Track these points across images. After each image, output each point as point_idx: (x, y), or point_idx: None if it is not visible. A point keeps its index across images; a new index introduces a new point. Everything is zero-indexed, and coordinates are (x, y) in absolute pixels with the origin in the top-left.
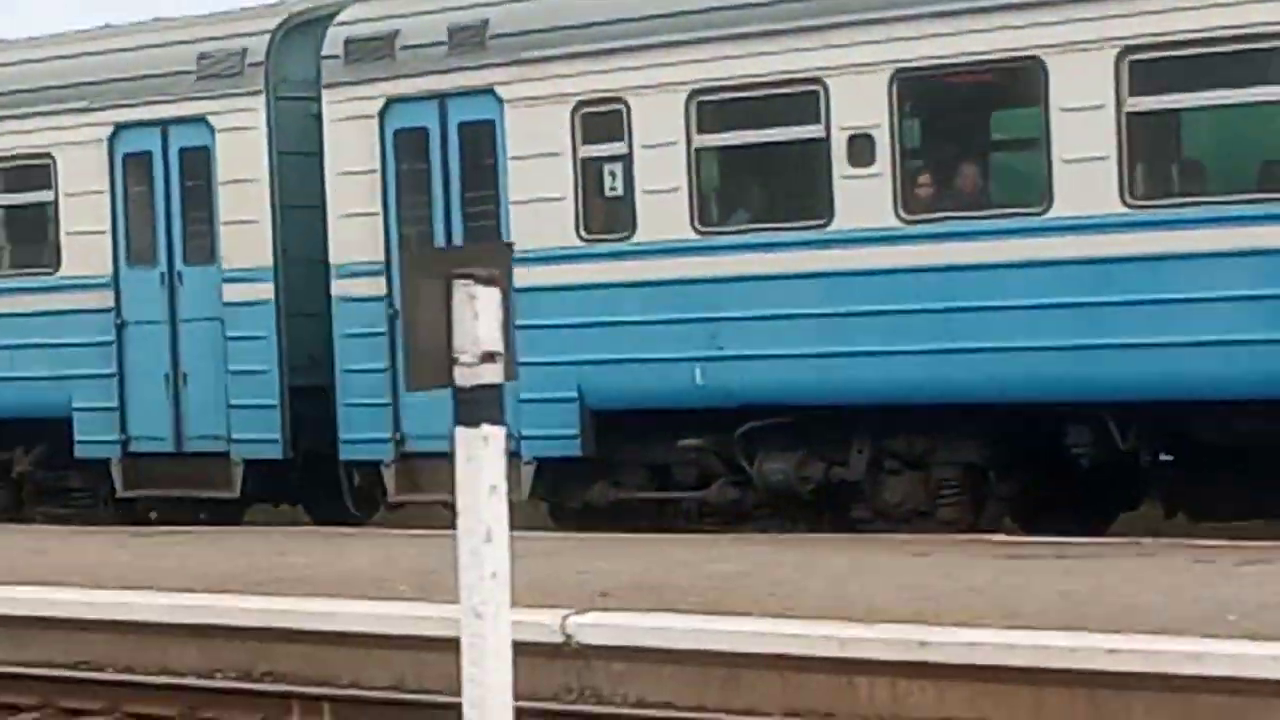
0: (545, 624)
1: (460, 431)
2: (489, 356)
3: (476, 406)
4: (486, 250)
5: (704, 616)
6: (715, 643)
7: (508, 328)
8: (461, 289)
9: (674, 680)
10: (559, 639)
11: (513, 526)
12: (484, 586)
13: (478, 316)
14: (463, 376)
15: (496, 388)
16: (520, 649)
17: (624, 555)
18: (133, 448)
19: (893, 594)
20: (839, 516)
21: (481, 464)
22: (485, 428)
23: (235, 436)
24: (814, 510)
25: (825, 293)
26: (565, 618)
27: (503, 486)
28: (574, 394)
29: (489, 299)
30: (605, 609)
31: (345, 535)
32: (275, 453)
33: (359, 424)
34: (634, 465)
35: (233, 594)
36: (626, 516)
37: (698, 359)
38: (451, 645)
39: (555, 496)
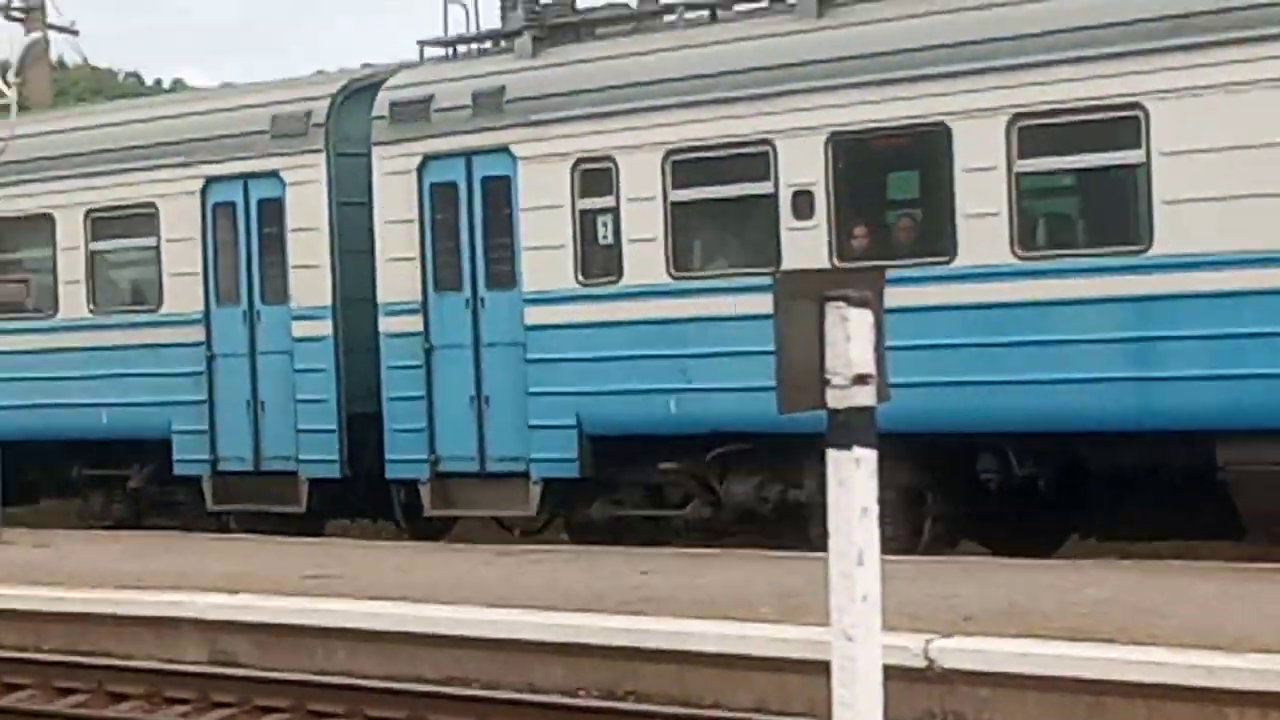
0: (908, 648)
1: (832, 454)
2: (861, 379)
3: (848, 429)
4: (858, 273)
5: (1069, 643)
6: (1080, 669)
7: (880, 350)
8: (834, 311)
9: (1038, 707)
10: (922, 663)
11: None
12: (855, 609)
13: (850, 339)
14: (835, 399)
15: (868, 410)
16: (883, 672)
17: (989, 580)
18: (221, 467)
19: (1263, 622)
20: (799, 534)
21: (853, 486)
22: (857, 450)
23: (302, 458)
24: (777, 529)
25: (765, 333)
26: (929, 642)
27: (874, 509)
28: (573, 421)
29: (861, 321)
30: (969, 634)
31: (704, 556)
32: (334, 472)
33: (401, 446)
34: (632, 485)
35: (598, 613)
36: (626, 532)
37: (671, 390)
38: (814, 667)
39: (563, 514)
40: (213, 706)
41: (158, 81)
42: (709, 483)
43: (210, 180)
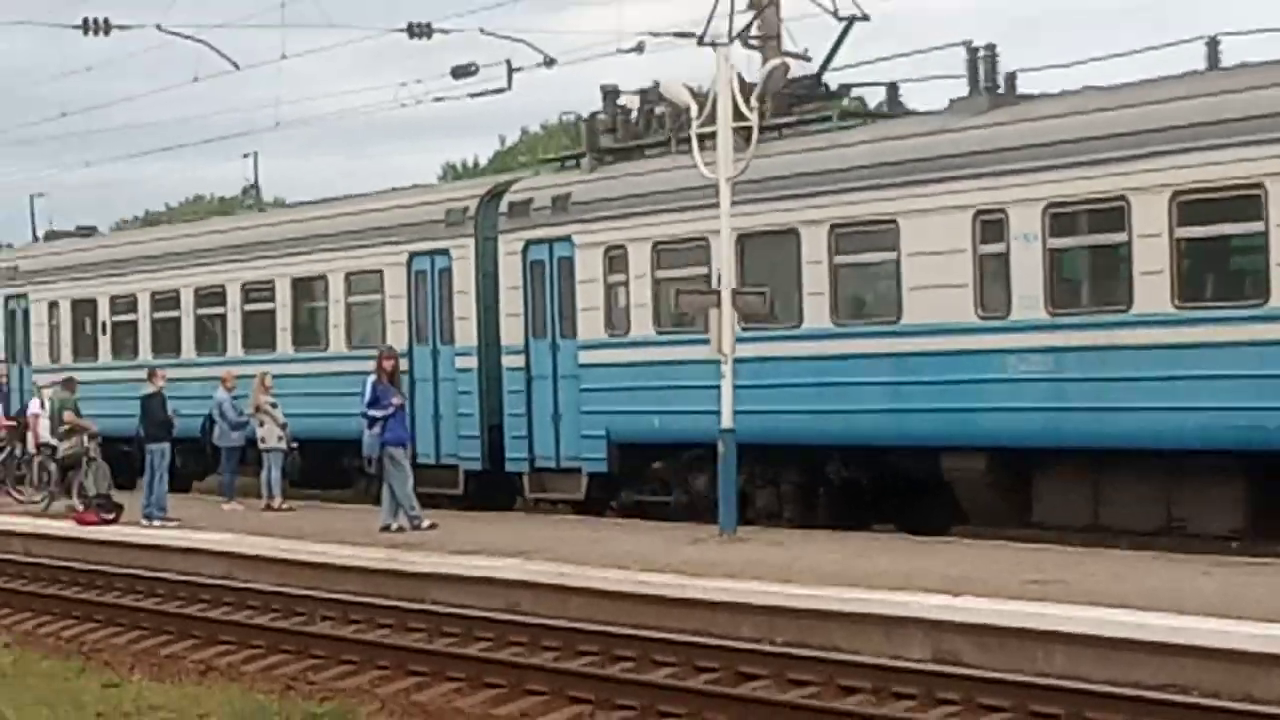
0: None
1: None
2: None
3: None
4: None
5: None
6: None
7: None
8: None
9: None
10: None
11: None
12: None
13: None
14: None
15: None
16: None
17: None
18: (419, 460)
19: None
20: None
21: None
22: None
23: (460, 455)
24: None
25: (706, 372)
26: None
27: None
28: (604, 433)
29: None
30: None
31: None
32: (477, 466)
33: (514, 448)
34: (652, 479)
35: None
36: (649, 512)
37: (656, 412)
38: None
39: (603, 498)
40: (937, 703)
41: (879, 104)
42: (685, 478)
43: (412, 255)
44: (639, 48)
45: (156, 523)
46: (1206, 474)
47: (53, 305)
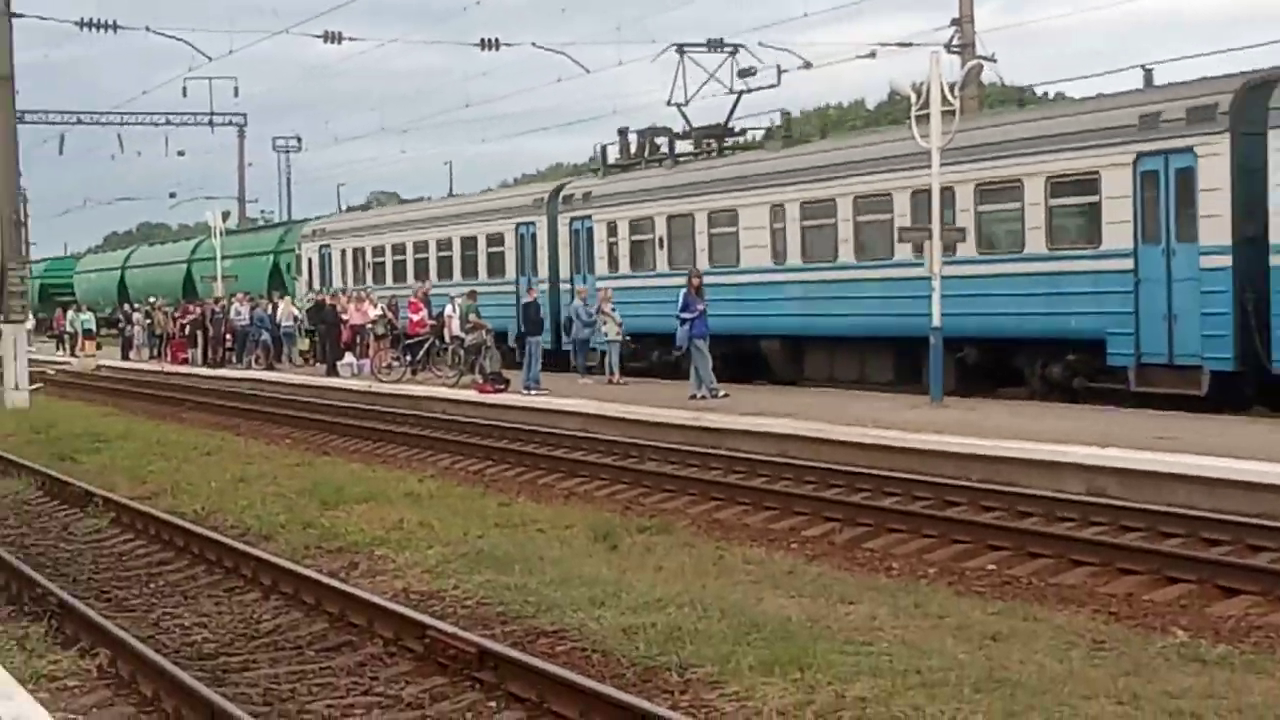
0: None
1: None
2: None
3: None
4: None
5: None
6: None
7: None
8: None
9: None
10: None
11: None
12: None
13: None
14: None
15: None
16: None
17: None
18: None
19: None
20: (673, 376)
21: None
22: None
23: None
24: (662, 373)
25: (649, 294)
26: None
27: None
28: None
29: None
30: None
31: None
32: (548, 346)
33: (567, 332)
34: (647, 352)
35: None
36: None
37: (631, 315)
38: None
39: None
40: (1090, 525)
41: (1044, 94)
42: (650, 353)
43: (518, 224)
44: (872, 54)
45: (533, 392)
46: (877, 350)
47: (343, 251)
